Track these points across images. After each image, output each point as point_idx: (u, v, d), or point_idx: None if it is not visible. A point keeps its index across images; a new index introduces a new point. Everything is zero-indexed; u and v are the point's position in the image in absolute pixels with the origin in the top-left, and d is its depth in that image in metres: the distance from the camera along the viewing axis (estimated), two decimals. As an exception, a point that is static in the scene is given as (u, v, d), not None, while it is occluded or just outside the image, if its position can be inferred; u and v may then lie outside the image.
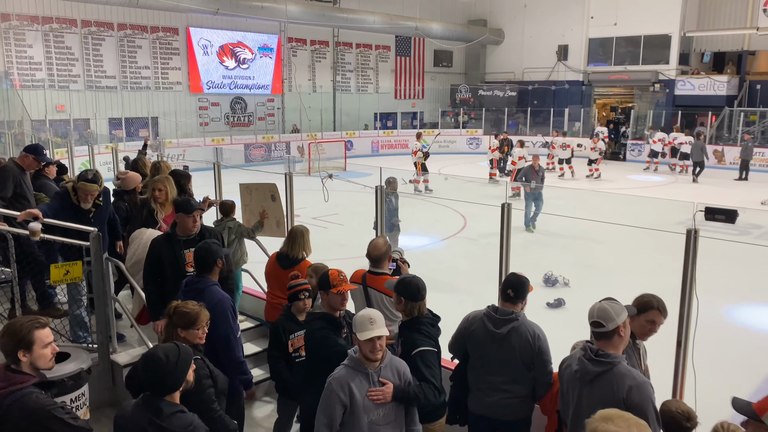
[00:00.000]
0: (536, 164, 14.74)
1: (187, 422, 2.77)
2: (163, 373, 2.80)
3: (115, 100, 23.31)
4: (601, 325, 3.11)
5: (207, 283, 4.14)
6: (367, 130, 30.02)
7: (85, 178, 5.31)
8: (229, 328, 4.05)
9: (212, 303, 3.97)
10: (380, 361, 3.33)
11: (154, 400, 2.78)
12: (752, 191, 18.12)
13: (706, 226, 3.86)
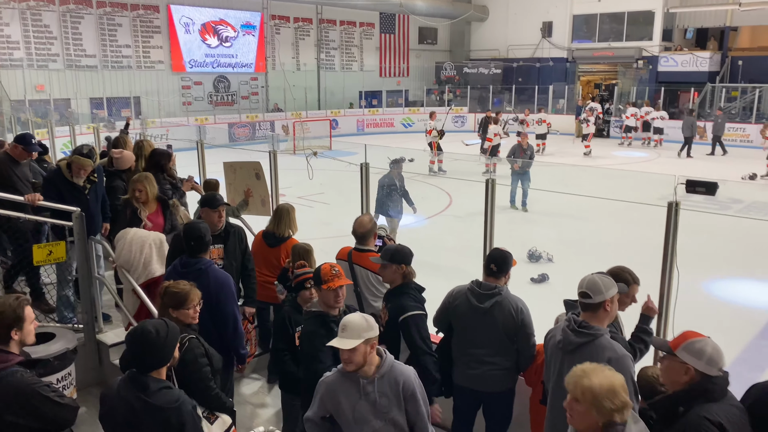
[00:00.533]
0: (524, 142, 14.61)
1: (174, 398, 2.78)
2: (152, 347, 2.80)
3: (95, 80, 22.93)
4: (588, 296, 3.14)
5: (207, 263, 4.12)
6: (352, 109, 29.85)
7: (80, 152, 5.41)
8: (236, 306, 4.14)
9: (219, 282, 4.03)
10: (376, 371, 3.02)
11: (141, 377, 2.79)
12: (738, 166, 18.32)
13: (687, 200, 3.92)
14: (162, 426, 2.74)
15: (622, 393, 2.36)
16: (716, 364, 2.58)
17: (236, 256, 4.87)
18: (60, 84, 21.96)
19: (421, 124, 29.56)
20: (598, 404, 2.34)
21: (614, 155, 21.79)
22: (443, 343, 4.13)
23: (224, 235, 4.85)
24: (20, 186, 5.82)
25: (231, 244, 4.85)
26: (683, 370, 2.58)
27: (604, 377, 2.38)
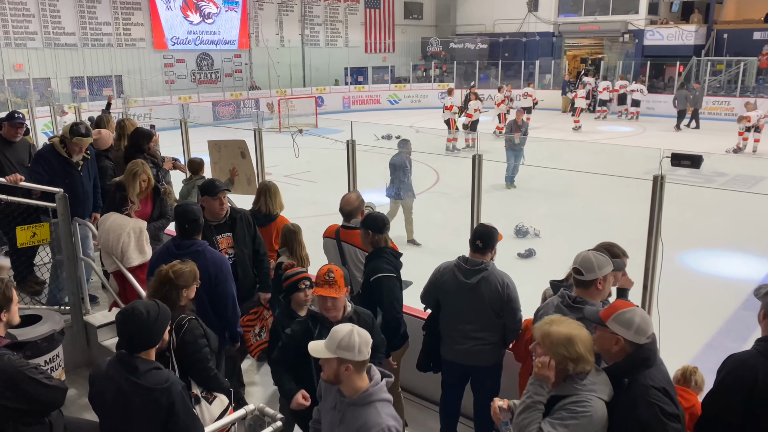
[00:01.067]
0: (519, 119, 14.32)
1: (163, 378, 2.78)
2: (142, 327, 2.78)
3: (75, 58, 22.52)
4: (580, 273, 3.14)
5: (202, 244, 4.07)
6: (337, 86, 29.61)
7: (78, 132, 5.33)
8: (233, 285, 4.11)
9: (218, 263, 4.00)
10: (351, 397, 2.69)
11: (130, 358, 2.78)
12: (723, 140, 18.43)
13: (673, 174, 3.94)
14: (152, 407, 2.74)
15: (580, 346, 2.49)
16: (644, 333, 2.63)
17: (246, 243, 4.66)
18: (39, 63, 21.54)
19: (407, 100, 29.52)
20: (554, 350, 2.51)
21: (600, 130, 21.83)
22: (431, 319, 4.15)
23: (231, 222, 4.61)
24: (8, 168, 5.69)
25: (239, 231, 4.61)
26: (614, 341, 2.65)
27: (565, 327, 2.55)
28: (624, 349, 2.64)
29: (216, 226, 4.53)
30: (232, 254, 4.55)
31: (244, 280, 4.60)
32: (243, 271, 4.60)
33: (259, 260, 4.76)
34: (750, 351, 2.79)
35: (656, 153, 3.88)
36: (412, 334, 4.45)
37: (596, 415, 2.47)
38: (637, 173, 4.87)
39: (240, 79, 27.74)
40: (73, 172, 5.47)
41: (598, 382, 2.54)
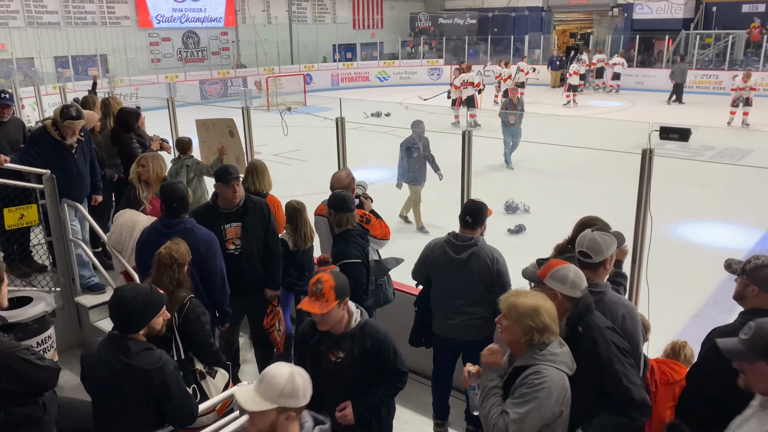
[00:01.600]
0: (515, 97, 14.06)
1: (155, 359, 2.79)
2: (123, 312, 2.80)
3: (59, 37, 22.13)
4: (588, 256, 3.06)
5: (190, 222, 4.07)
6: (325, 63, 29.34)
7: (69, 116, 5.16)
8: (222, 263, 4.11)
9: (207, 240, 4.00)
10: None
11: (121, 339, 2.79)
12: (711, 113, 18.48)
13: (662, 148, 3.95)
14: (144, 387, 2.75)
15: (545, 316, 2.53)
16: (578, 287, 2.81)
17: (256, 235, 4.41)
18: (22, 42, 21.16)
19: (397, 77, 29.32)
20: (520, 321, 2.54)
21: (589, 105, 21.82)
22: (422, 295, 4.18)
23: (242, 211, 4.39)
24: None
25: (250, 222, 4.38)
26: (552, 296, 2.77)
27: (530, 298, 2.58)
28: (562, 304, 2.78)
29: (227, 214, 4.36)
30: (239, 245, 4.38)
31: (250, 274, 4.43)
32: (249, 265, 4.42)
33: (269, 254, 4.49)
34: (734, 323, 2.84)
35: (645, 127, 3.89)
36: (403, 310, 4.48)
37: (554, 385, 2.48)
38: (626, 147, 4.88)
39: (227, 57, 27.41)
40: (67, 155, 5.34)
41: (558, 353, 2.55)
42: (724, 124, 17.00)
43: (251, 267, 4.42)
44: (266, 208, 4.48)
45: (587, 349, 2.68)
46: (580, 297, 2.80)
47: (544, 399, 2.46)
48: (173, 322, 3.31)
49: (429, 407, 4.40)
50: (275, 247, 4.52)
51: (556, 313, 2.59)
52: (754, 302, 2.85)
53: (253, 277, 4.44)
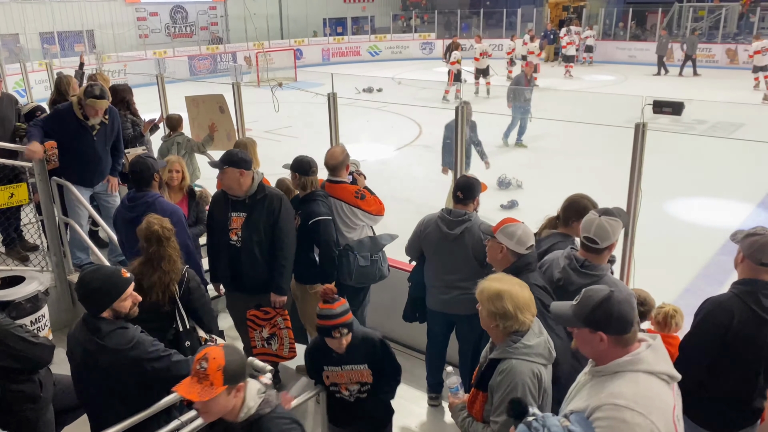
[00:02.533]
0: (529, 72, 13.42)
1: (127, 338, 2.76)
2: (84, 294, 2.79)
3: (44, 13, 21.76)
4: (595, 242, 3.02)
5: (153, 195, 4.09)
6: (316, 37, 29.03)
7: (92, 94, 4.99)
8: (187, 236, 4.09)
9: (167, 213, 3.93)
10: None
11: (93, 320, 2.77)
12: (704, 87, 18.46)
13: (655, 122, 3.95)
14: (118, 366, 2.74)
15: (507, 302, 2.47)
16: (524, 244, 3.06)
17: (261, 229, 4.02)
18: (6, 18, 20.79)
19: (388, 51, 29.09)
20: (485, 305, 2.54)
21: (582, 78, 21.75)
22: (416, 270, 4.20)
23: (250, 201, 4.02)
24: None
25: (255, 214, 4.02)
26: (499, 249, 3.10)
27: (497, 283, 2.55)
28: (507, 258, 3.08)
29: (234, 201, 4.05)
30: (240, 237, 4.05)
31: (249, 271, 4.08)
32: (248, 261, 4.06)
33: (275, 254, 4.06)
34: (727, 293, 2.88)
35: (638, 101, 3.88)
36: (397, 285, 4.50)
37: (524, 383, 2.43)
38: (619, 122, 4.88)
39: (216, 32, 27.06)
40: (86, 136, 5.19)
41: (533, 345, 2.49)
42: (717, 98, 16.99)
43: (250, 263, 4.08)
44: (278, 202, 4.05)
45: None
46: (524, 254, 3.05)
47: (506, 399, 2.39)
48: (175, 294, 3.32)
49: (423, 381, 4.45)
50: (283, 247, 4.06)
51: (526, 301, 2.51)
52: (741, 270, 2.89)
53: (253, 274, 4.09)
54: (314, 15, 29.77)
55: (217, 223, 4.14)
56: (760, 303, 2.78)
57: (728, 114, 15.15)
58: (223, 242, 4.10)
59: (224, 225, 4.06)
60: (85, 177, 5.32)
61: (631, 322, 2.05)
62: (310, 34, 29.08)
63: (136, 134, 6.27)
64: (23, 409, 3.02)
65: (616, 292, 2.08)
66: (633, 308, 2.08)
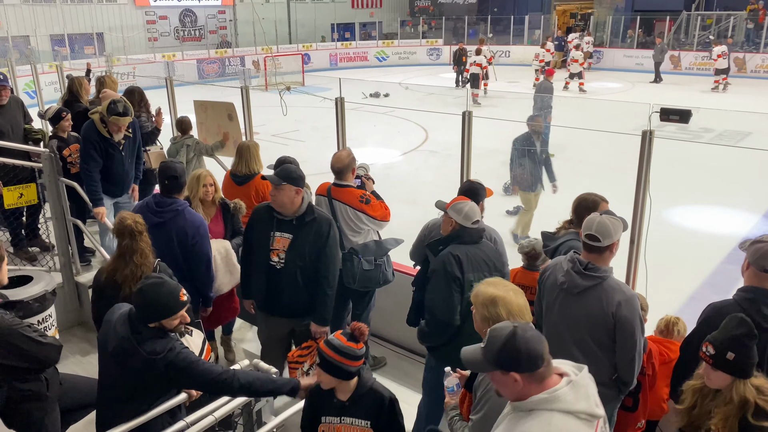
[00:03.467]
0: (550, 78, 13.34)
1: (161, 348, 2.77)
2: (139, 304, 2.81)
3: (55, 15, 21.94)
4: (597, 240, 3.00)
5: (183, 204, 4.06)
6: (324, 42, 29.14)
7: (115, 111, 5.00)
8: (209, 247, 4.11)
9: (196, 224, 3.98)
10: None
11: (139, 322, 2.81)
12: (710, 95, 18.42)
13: (661, 130, 3.95)
14: (148, 371, 2.76)
15: (501, 308, 2.49)
16: (470, 219, 3.45)
17: (306, 254, 3.76)
18: (17, 20, 20.97)
19: (396, 57, 29.17)
20: (479, 309, 2.58)
21: (588, 86, 21.73)
22: (420, 275, 4.19)
23: (297, 222, 3.75)
24: (4, 135, 5.43)
25: (302, 237, 3.75)
26: (450, 223, 3.49)
27: (494, 288, 2.57)
28: (455, 230, 3.49)
29: (279, 220, 3.78)
30: (282, 259, 3.78)
31: (289, 296, 3.84)
32: (289, 285, 3.82)
33: (318, 281, 3.83)
34: (728, 300, 2.89)
35: (645, 108, 3.88)
36: (402, 290, 4.50)
37: None
38: (625, 129, 4.88)
39: (225, 36, 27.20)
40: (114, 153, 5.22)
41: None
42: (724, 106, 16.95)
43: (291, 288, 3.84)
44: (327, 226, 3.80)
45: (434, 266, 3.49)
46: (469, 227, 3.44)
47: (496, 401, 2.37)
48: None
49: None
50: (328, 275, 3.83)
51: (520, 308, 2.53)
52: (746, 277, 2.90)
53: (292, 299, 3.86)
54: (322, 20, 29.89)
55: (258, 241, 3.86)
56: (760, 311, 2.77)
57: (736, 122, 15.10)
58: (261, 261, 3.83)
59: (266, 243, 3.79)
60: (115, 191, 5.38)
61: (542, 356, 1.93)
62: (318, 39, 29.19)
63: (153, 131, 6.35)
64: (29, 408, 3.03)
65: (520, 327, 1.97)
66: (541, 341, 1.97)
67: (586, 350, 3.04)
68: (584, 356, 3.04)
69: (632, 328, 2.96)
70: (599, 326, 3.01)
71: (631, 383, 3.07)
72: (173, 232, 3.94)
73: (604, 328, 3.00)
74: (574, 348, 3.06)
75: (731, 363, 2.37)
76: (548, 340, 3.09)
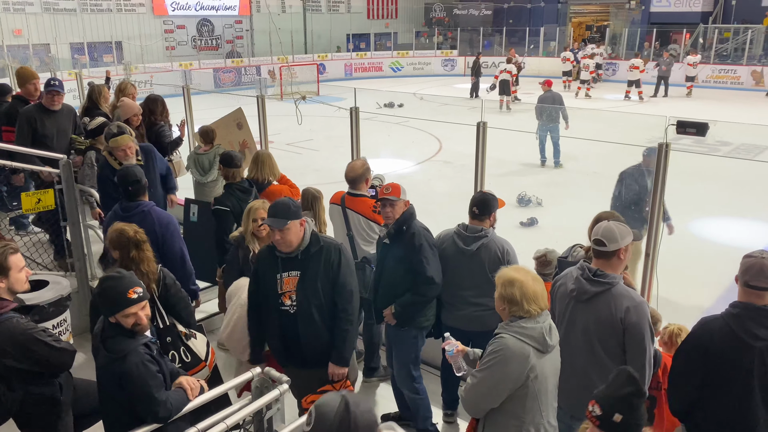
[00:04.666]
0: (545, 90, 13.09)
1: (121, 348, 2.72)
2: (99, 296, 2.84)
3: (75, 24, 22.27)
4: (603, 244, 3.01)
5: (148, 204, 4.16)
6: (339, 53, 29.30)
7: (110, 134, 4.83)
8: (182, 243, 4.18)
9: (164, 222, 4.08)
10: None
11: (105, 320, 2.84)
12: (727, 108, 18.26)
13: (678, 142, 3.93)
14: (108, 372, 2.75)
15: (517, 290, 2.62)
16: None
17: (317, 289, 3.36)
18: (38, 28, 21.31)
19: (410, 67, 29.28)
20: (499, 288, 2.70)
21: (605, 98, 21.66)
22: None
23: (302, 257, 3.36)
24: (50, 138, 5.41)
25: (311, 271, 3.36)
26: (402, 204, 3.85)
27: (514, 272, 2.70)
28: (409, 210, 3.89)
29: (284, 259, 3.36)
30: (295, 301, 3.36)
31: (309, 342, 3.40)
32: (308, 329, 3.38)
33: (336, 315, 3.40)
34: (716, 315, 2.86)
35: (661, 121, 3.86)
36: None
37: (510, 354, 2.59)
38: (641, 141, 4.86)
39: (241, 46, 27.45)
40: None
41: (528, 327, 2.62)
42: (741, 119, 16.80)
43: (310, 332, 3.39)
44: (336, 253, 3.39)
45: (407, 240, 3.80)
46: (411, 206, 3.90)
47: (496, 365, 2.60)
48: (153, 293, 3.40)
49: (438, 397, 4.42)
50: (346, 307, 3.40)
51: (535, 293, 2.64)
52: (738, 292, 2.87)
53: (313, 344, 3.41)
54: (338, 30, 30.08)
55: (265, 286, 3.43)
56: (745, 327, 2.73)
57: (753, 136, 14.95)
58: (273, 308, 3.42)
59: (273, 288, 3.39)
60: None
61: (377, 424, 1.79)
62: (333, 49, 29.37)
63: (177, 140, 6.39)
64: (43, 412, 3.06)
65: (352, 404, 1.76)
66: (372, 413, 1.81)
67: (596, 359, 3.04)
68: (593, 366, 3.02)
69: (641, 335, 2.95)
70: (608, 333, 3.00)
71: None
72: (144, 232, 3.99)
73: (613, 335, 2.99)
74: (584, 358, 3.06)
75: (618, 426, 2.10)
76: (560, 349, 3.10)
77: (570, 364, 2.92)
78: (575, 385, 3.01)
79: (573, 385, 3.00)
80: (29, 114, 5.53)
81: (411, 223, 3.85)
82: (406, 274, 3.84)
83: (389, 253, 3.93)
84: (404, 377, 4.08)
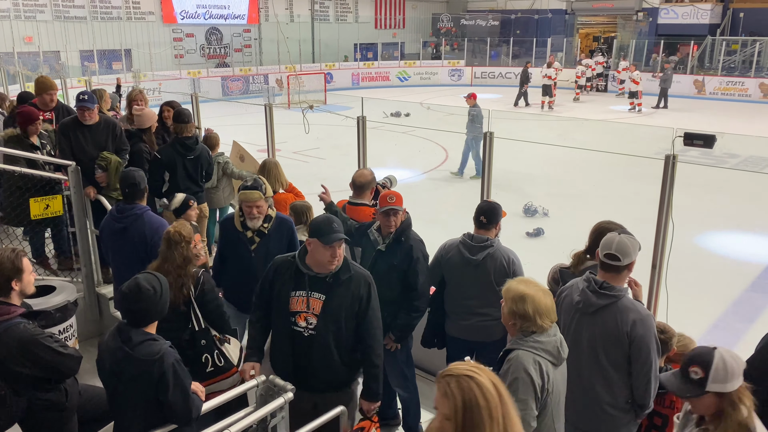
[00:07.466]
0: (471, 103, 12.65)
1: (155, 350, 2.77)
2: (152, 303, 2.81)
3: (85, 31, 22.45)
4: (617, 259, 2.98)
5: (143, 208, 4.23)
6: (347, 62, 29.41)
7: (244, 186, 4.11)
8: None
9: (155, 226, 4.13)
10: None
11: (127, 328, 2.81)
12: (734, 121, 18.22)
13: (685, 154, 3.92)
14: (142, 377, 2.75)
15: (529, 305, 2.57)
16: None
17: (340, 319, 3.14)
18: (49, 36, 21.50)
19: (417, 77, 29.35)
20: (508, 303, 2.64)
21: (612, 110, 21.65)
22: (436, 295, 4.17)
23: (332, 280, 3.13)
24: (85, 151, 5.31)
25: (338, 298, 3.13)
26: (402, 213, 3.86)
27: (524, 286, 2.64)
28: (406, 219, 3.94)
29: (312, 278, 3.14)
30: (312, 324, 3.14)
31: (321, 368, 3.19)
32: (322, 355, 3.17)
33: (365, 352, 3.23)
34: None
35: (669, 132, 3.86)
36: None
37: (524, 372, 2.53)
38: (648, 153, 4.85)
39: (249, 54, 27.60)
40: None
41: (543, 341, 2.59)
42: (749, 132, 16.77)
43: (323, 358, 3.19)
44: (366, 286, 3.18)
45: (405, 251, 3.87)
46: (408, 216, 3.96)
47: (511, 386, 2.49)
48: (191, 295, 3.45)
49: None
50: (373, 343, 3.22)
51: (547, 308, 2.61)
52: None
53: (324, 371, 3.21)
54: (345, 40, 30.21)
55: (279, 300, 3.20)
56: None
57: (760, 148, 14.90)
58: (282, 324, 3.21)
59: (286, 305, 3.17)
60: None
61: None
62: (341, 58, 29.49)
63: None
64: (49, 417, 3.06)
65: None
66: None
67: (601, 372, 3.03)
68: (599, 379, 3.01)
69: (647, 348, 2.94)
70: (614, 346, 2.99)
71: (648, 406, 3.05)
72: (135, 235, 4.13)
73: (619, 348, 2.98)
74: (589, 370, 3.05)
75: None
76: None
77: (575, 375, 2.90)
78: (580, 397, 2.99)
79: (578, 396, 2.98)
80: (65, 127, 5.41)
81: (409, 234, 3.92)
82: (395, 282, 3.88)
83: (382, 259, 3.94)
84: (397, 377, 4.11)
